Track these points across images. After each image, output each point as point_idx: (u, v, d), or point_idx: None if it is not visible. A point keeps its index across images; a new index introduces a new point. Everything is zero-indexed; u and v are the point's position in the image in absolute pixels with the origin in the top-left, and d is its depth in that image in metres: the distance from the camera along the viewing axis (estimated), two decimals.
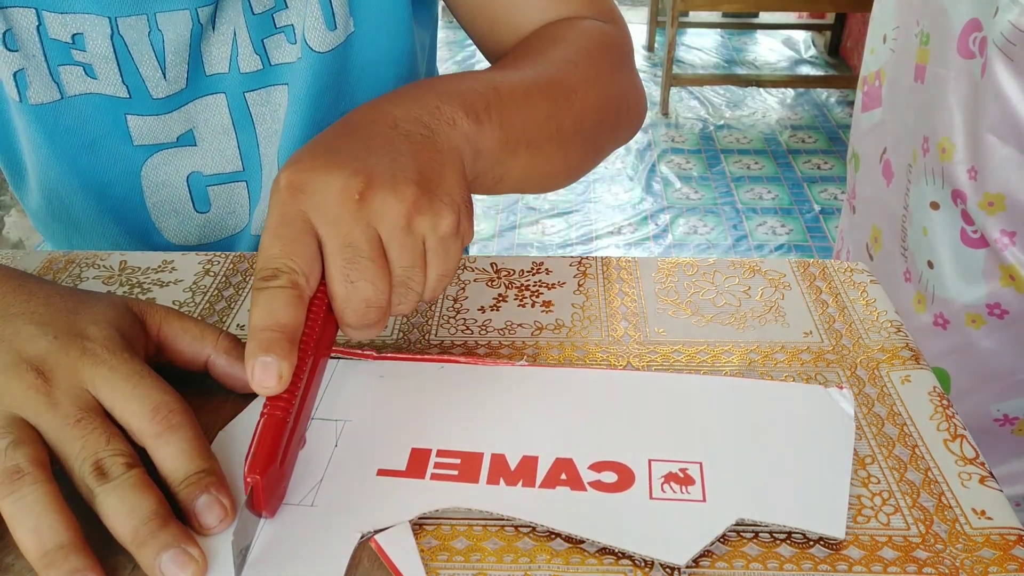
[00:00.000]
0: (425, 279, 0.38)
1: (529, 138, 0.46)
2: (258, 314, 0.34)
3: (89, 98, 0.55)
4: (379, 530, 0.34)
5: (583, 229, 2.16)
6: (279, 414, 0.34)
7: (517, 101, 0.46)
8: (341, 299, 0.36)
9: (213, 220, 0.63)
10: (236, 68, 0.57)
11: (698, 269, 0.52)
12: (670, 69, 2.63)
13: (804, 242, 2.07)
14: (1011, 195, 0.84)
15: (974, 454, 0.38)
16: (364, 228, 0.36)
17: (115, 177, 0.59)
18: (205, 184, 0.61)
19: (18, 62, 0.53)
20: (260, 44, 0.57)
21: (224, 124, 0.59)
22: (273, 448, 0.33)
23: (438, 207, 0.37)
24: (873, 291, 0.50)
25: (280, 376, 0.34)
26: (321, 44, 0.57)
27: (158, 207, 0.61)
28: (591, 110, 0.53)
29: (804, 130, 2.63)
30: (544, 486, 0.36)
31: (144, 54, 0.54)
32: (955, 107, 0.89)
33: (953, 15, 0.88)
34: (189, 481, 0.34)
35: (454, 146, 0.40)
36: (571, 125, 0.51)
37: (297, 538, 0.34)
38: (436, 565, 0.34)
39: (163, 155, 0.59)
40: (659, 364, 0.44)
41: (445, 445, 0.38)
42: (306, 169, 0.37)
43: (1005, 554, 0.34)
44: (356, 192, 0.36)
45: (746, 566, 0.34)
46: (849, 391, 0.41)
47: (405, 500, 0.36)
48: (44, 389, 0.34)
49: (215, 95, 0.58)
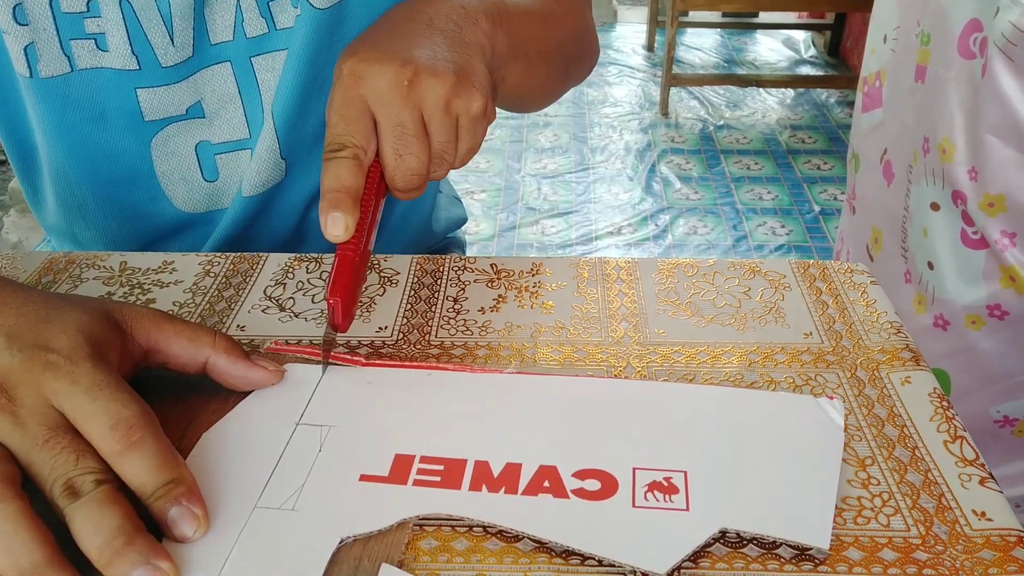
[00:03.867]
0: (456, 152, 0.46)
1: (525, 49, 0.55)
2: (328, 178, 0.42)
3: (99, 72, 0.55)
4: (359, 535, 0.34)
5: (583, 229, 2.16)
6: (349, 253, 0.42)
7: (520, 17, 0.54)
8: (391, 168, 0.44)
9: (222, 188, 0.63)
10: (242, 33, 0.57)
11: (698, 270, 0.52)
12: (670, 69, 2.63)
13: (804, 243, 2.07)
14: (1011, 196, 0.84)
15: (974, 455, 0.38)
16: (411, 110, 0.43)
17: (124, 148, 0.59)
18: (213, 153, 0.61)
19: (28, 36, 0.53)
20: (266, 7, 0.57)
21: (230, 92, 0.59)
22: (347, 277, 0.42)
23: (471, 91, 0.45)
24: (873, 292, 0.50)
25: (346, 227, 0.42)
26: (321, 0, 0.57)
27: (167, 176, 0.61)
28: (567, 38, 0.63)
29: (804, 130, 2.63)
30: (527, 493, 0.36)
31: (152, 20, 0.54)
32: (955, 108, 0.89)
33: (954, 15, 0.88)
34: (157, 495, 0.34)
35: (478, 41, 0.48)
36: (554, 47, 0.60)
37: (277, 542, 0.34)
38: (436, 566, 0.34)
39: (173, 128, 0.59)
40: (659, 365, 0.44)
41: (429, 451, 0.38)
42: (363, 60, 0.44)
43: (1005, 555, 0.34)
44: (405, 80, 0.43)
45: (746, 567, 0.34)
46: (840, 401, 0.41)
47: (386, 505, 0.36)
48: (9, 408, 0.34)
49: (221, 64, 0.58)
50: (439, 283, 0.52)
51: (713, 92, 2.86)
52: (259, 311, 0.49)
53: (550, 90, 0.64)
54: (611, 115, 2.76)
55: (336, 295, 0.41)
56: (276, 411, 0.41)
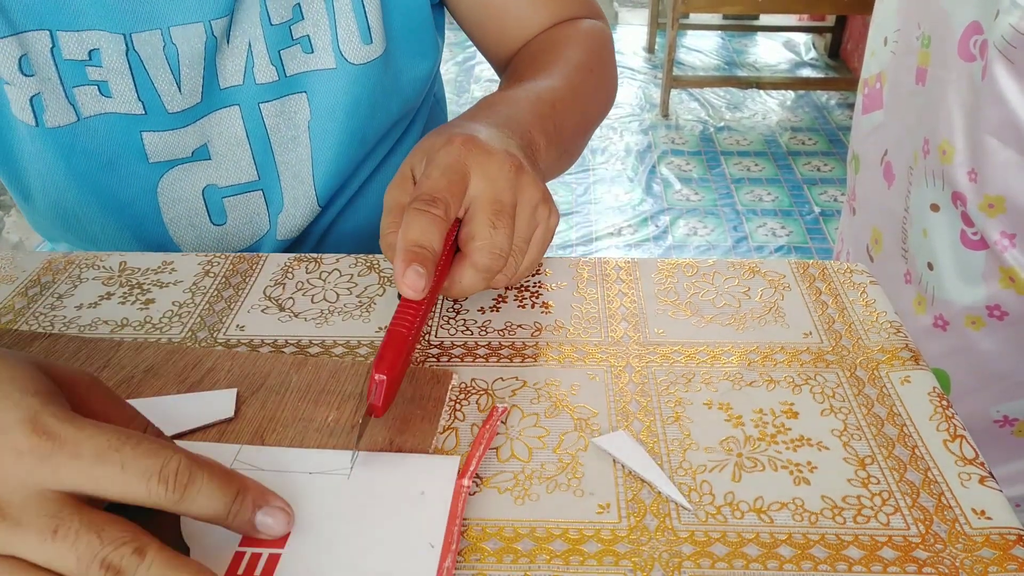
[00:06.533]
0: (523, 258, 0.45)
1: (566, 143, 0.57)
2: (414, 231, 0.40)
3: (105, 118, 0.56)
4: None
5: (583, 230, 2.16)
6: (403, 330, 0.39)
7: (564, 114, 0.55)
8: (482, 239, 0.42)
9: (231, 231, 0.64)
10: (252, 79, 0.58)
11: (698, 270, 0.52)
12: (670, 71, 2.63)
13: (804, 244, 2.07)
14: (1011, 197, 0.84)
15: (974, 454, 0.38)
16: (511, 196, 0.43)
17: (132, 195, 0.60)
18: (221, 196, 0.62)
19: (34, 86, 0.53)
20: (277, 55, 0.58)
21: (238, 136, 0.60)
22: (398, 353, 0.38)
23: (554, 208, 0.46)
24: (872, 292, 0.50)
25: (426, 285, 0.39)
26: (356, 56, 0.59)
27: (175, 222, 0.62)
28: (599, 108, 0.64)
29: (804, 132, 2.63)
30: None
31: (159, 69, 0.54)
32: (956, 110, 0.89)
33: (954, 18, 0.88)
34: (233, 514, 0.32)
35: (540, 168, 0.49)
36: (590, 125, 0.62)
37: None
38: None
39: (178, 170, 0.60)
40: (658, 365, 0.44)
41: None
42: (477, 134, 0.45)
43: (1005, 554, 0.34)
44: (513, 168, 0.44)
45: (746, 566, 0.34)
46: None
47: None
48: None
49: (229, 108, 0.59)
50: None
51: (713, 94, 2.86)
52: (258, 311, 0.49)
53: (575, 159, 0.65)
54: (611, 116, 2.76)
55: (382, 370, 0.37)
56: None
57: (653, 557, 0.34)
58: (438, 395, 0.42)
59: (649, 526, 0.35)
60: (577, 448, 0.39)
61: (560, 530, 0.35)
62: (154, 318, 0.49)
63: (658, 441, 0.40)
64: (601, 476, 0.38)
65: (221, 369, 0.44)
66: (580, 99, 0.59)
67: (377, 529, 0.35)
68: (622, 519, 0.36)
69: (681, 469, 0.38)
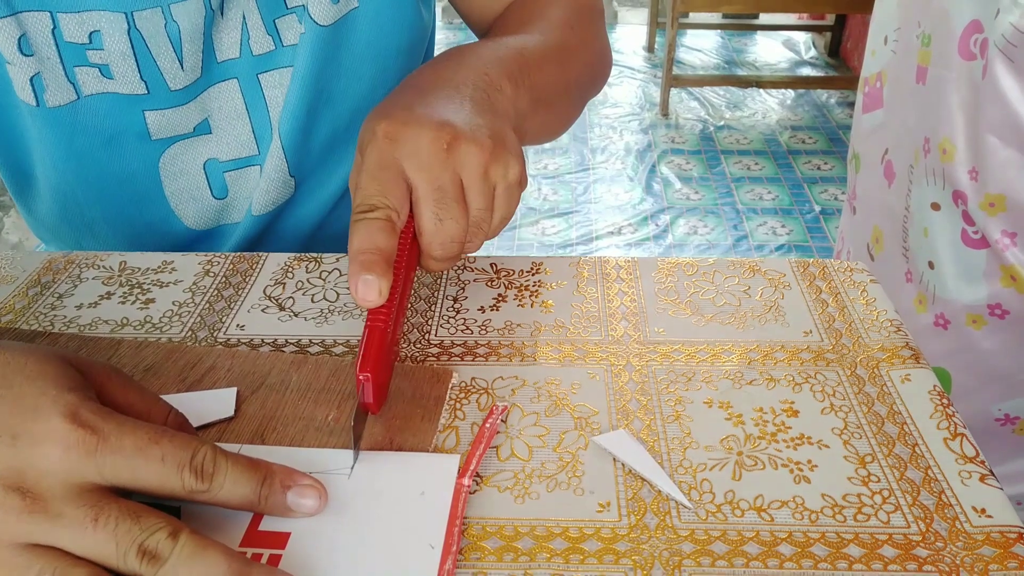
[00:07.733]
0: (492, 220, 0.43)
1: (546, 97, 0.53)
2: (358, 239, 0.38)
3: (105, 97, 0.55)
4: None
5: (583, 229, 2.16)
6: (380, 324, 0.38)
7: (539, 65, 0.52)
8: (430, 234, 0.41)
9: (230, 204, 0.63)
10: (248, 51, 0.57)
11: (698, 269, 0.52)
12: (670, 70, 2.63)
13: (804, 242, 2.07)
14: (1012, 196, 0.84)
15: (974, 452, 0.38)
16: (451, 174, 0.41)
17: (134, 171, 0.59)
18: (222, 170, 0.61)
19: (34, 66, 0.53)
20: (272, 24, 0.57)
21: (238, 109, 0.59)
22: (378, 350, 0.38)
23: (507, 158, 0.43)
24: (873, 290, 0.50)
25: (380, 292, 0.38)
26: (324, 17, 0.57)
27: (177, 195, 0.61)
28: (584, 68, 0.61)
29: (804, 131, 2.63)
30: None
31: (161, 46, 0.54)
32: (956, 108, 0.89)
33: (954, 17, 0.88)
34: (263, 497, 0.33)
35: (504, 109, 0.46)
36: (572, 82, 0.59)
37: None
38: None
39: (179, 145, 0.59)
40: (658, 364, 0.44)
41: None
42: (399, 122, 0.41)
43: (1005, 552, 0.34)
44: (444, 143, 0.41)
45: (746, 564, 0.34)
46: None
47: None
48: (36, 507, 0.30)
49: (228, 81, 0.58)
50: (439, 282, 0.52)
51: (713, 93, 2.86)
52: (259, 310, 0.49)
53: (567, 122, 0.63)
54: (611, 116, 2.76)
55: (366, 369, 0.37)
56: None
57: (653, 555, 0.34)
58: (438, 394, 0.42)
59: (649, 524, 0.35)
60: (577, 447, 0.39)
61: (560, 528, 0.35)
62: (154, 318, 0.49)
63: (658, 440, 0.40)
64: (601, 475, 0.38)
65: (221, 368, 0.44)
66: (557, 52, 0.56)
67: (378, 529, 0.35)
68: (622, 517, 0.36)
69: (681, 467, 0.38)
